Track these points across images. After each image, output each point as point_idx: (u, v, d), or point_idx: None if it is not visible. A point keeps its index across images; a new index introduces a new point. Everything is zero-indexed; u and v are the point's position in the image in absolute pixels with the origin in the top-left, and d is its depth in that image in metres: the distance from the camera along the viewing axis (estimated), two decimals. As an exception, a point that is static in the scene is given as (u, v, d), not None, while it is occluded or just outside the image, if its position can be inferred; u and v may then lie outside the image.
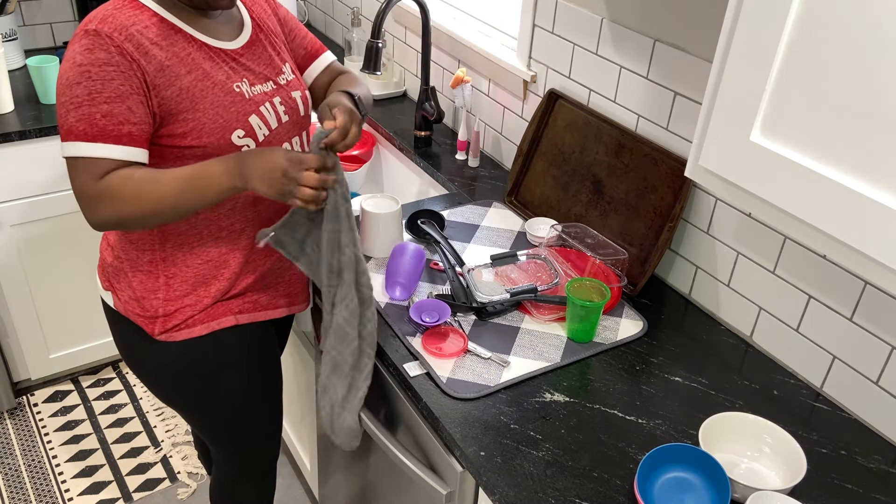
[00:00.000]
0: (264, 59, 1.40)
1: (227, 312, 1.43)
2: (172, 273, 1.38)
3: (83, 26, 1.20)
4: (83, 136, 1.20)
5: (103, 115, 1.19)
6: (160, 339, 1.41)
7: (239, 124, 1.30)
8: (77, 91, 1.18)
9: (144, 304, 1.39)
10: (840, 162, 0.89)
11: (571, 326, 1.42)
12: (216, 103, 1.28)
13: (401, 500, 1.53)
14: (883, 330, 1.27)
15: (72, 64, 1.18)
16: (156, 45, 1.22)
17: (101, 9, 1.23)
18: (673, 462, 1.17)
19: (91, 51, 1.18)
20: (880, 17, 0.81)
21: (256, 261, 1.43)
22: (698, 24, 1.44)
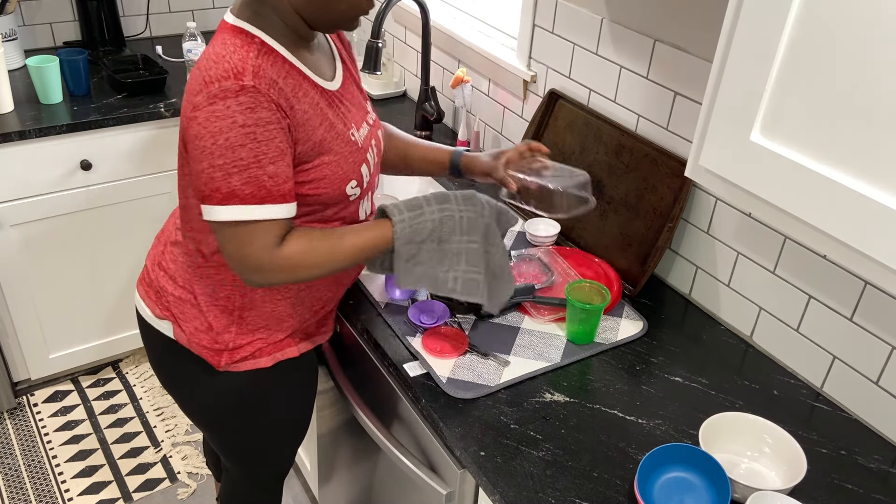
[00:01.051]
0: (356, 98, 1.34)
1: (290, 344, 1.41)
2: (248, 309, 1.34)
3: (234, 79, 1.10)
4: (250, 199, 1.13)
5: (270, 177, 1.13)
6: (224, 370, 1.37)
7: (354, 175, 1.27)
8: (242, 154, 1.11)
9: (215, 336, 1.35)
10: (840, 162, 0.89)
11: (571, 329, 1.42)
12: (339, 155, 1.24)
13: (401, 500, 1.53)
14: (883, 330, 1.27)
15: (232, 123, 1.10)
16: (296, 97, 1.17)
17: (241, 56, 1.12)
18: (673, 462, 1.17)
19: (254, 110, 1.10)
20: (880, 17, 0.81)
21: (328, 298, 1.41)
22: (698, 24, 1.44)
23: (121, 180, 2.31)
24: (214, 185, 1.13)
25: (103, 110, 2.22)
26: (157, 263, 1.40)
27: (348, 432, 1.71)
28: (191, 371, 1.40)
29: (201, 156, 1.12)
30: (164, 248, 1.39)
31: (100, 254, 2.39)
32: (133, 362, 2.69)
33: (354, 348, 1.55)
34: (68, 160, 2.20)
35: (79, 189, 2.26)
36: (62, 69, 2.24)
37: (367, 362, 1.50)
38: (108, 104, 2.26)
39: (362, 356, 1.52)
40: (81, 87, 2.29)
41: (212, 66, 1.12)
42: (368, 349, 1.49)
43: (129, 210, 2.37)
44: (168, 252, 1.38)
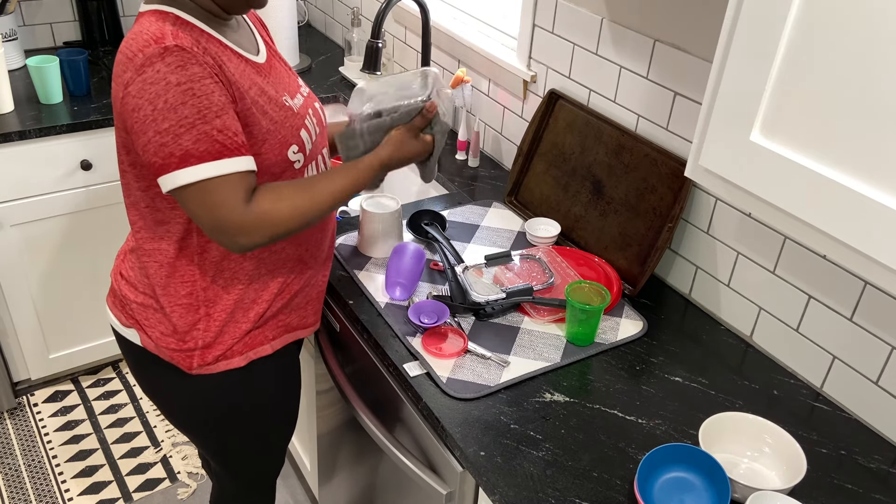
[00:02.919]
0: (284, 72, 1.35)
1: (263, 341, 1.38)
2: (213, 302, 1.32)
3: (154, 44, 1.09)
4: (206, 156, 1.11)
5: (219, 131, 1.12)
6: (197, 373, 1.35)
7: (293, 139, 1.27)
8: (185, 112, 1.09)
9: (183, 337, 1.33)
10: (840, 162, 0.89)
11: (571, 330, 1.42)
12: (275, 119, 1.23)
13: (401, 500, 1.53)
14: (883, 330, 1.27)
15: (166, 85, 1.08)
16: (219, 59, 1.15)
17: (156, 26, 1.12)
18: (673, 462, 1.17)
19: (184, 67, 1.09)
20: (880, 17, 0.81)
21: (291, 280, 1.39)
22: (698, 24, 1.44)
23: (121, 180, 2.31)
24: (167, 151, 1.11)
25: (103, 110, 2.22)
26: (118, 272, 1.39)
27: (348, 432, 1.71)
28: (164, 377, 1.38)
29: (144, 126, 1.10)
30: (124, 258, 1.38)
31: (100, 254, 2.39)
32: (133, 362, 2.69)
33: (354, 348, 1.55)
34: (68, 160, 2.20)
35: (79, 189, 2.26)
36: (62, 69, 2.24)
37: (367, 362, 1.50)
38: (108, 104, 2.26)
39: (362, 356, 1.52)
40: (81, 87, 2.29)
41: (131, 44, 1.12)
42: (368, 349, 1.48)
43: (129, 210, 2.37)
44: (127, 260, 1.37)
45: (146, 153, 1.13)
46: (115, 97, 1.15)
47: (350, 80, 2.53)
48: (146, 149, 1.12)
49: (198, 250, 1.28)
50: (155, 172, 1.14)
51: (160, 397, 1.43)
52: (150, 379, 1.42)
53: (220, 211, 1.14)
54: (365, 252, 1.65)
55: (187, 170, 1.11)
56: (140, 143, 1.13)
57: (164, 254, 1.29)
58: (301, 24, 3.05)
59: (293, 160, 1.28)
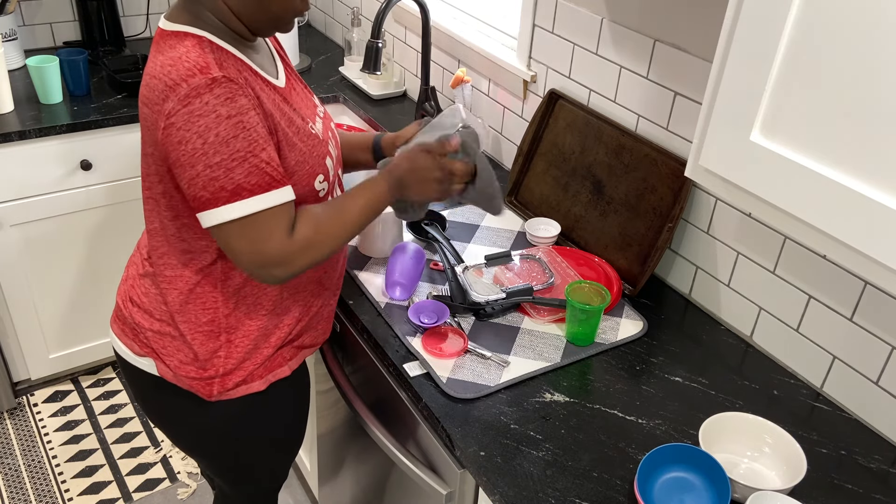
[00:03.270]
0: (303, 93, 1.32)
1: (281, 363, 1.36)
2: (234, 329, 1.29)
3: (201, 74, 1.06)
4: (257, 189, 1.10)
5: (267, 163, 1.11)
6: (216, 399, 1.32)
7: (320, 168, 1.25)
8: (237, 145, 1.07)
9: (204, 365, 1.29)
10: (840, 162, 0.89)
11: (571, 330, 1.42)
12: (303, 150, 1.21)
13: (401, 500, 1.53)
14: (883, 330, 1.27)
15: (217, 117, 1.06)
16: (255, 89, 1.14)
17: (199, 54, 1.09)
18: (673, 462, 1.17)
19: (233, 99, 1.07)
20: (880, 17, 0.81)
21: (311, 302, 1.37)
22: (698, 24, 1.44)
23: (121, 180, 2.31)
24: (218, 185, 1.09)
25: (103, 110, 2.22)
26: (129, 299, 1.33)
27: (348, 432, 1.71)
28: (180, 405, 1.34)
29: (193, 159, 1.08)
30: (134, 282, 1.33)
31: (100, 254, 2.39)
32: (133, 362, 2.69)
33: (354, 348, 1.55)
34: (68, 160, 2.20)
35: (79, 189, 2.26)
36: (62, 69, 2.24)
37: (367, 362, 1.50)
38: (108, 104, 2.26)
39: (362, 356, 1.52)
40: (81, 87, 2.29)
41: (170, 71, 1.08)
42: (368, 349, 1.48)
43: (129, 210, 2.37)
44: (139, 286, 1.32)
45: (193, 187, 1.10)
46: (152, 125, 1.12)
47: (350, 80, 2.53)
48: (193, 182, 1.10)
49: (221, 277, 1.25)
50: (200, 206, 1.11)
51: (174, 425, 1.39)
52: (163, 407, 1.37)
53: (265, 244, 1.13)
54: (365, 252, 1.65)
55: (237, 204, 1.10)
56: (186, 177, 1.10)
57: (185, 280, 1.26)
58: (301, 24, 3.05)
59: (318, 189, 1.26)
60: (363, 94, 2.46)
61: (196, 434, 1.39)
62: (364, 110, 2.37)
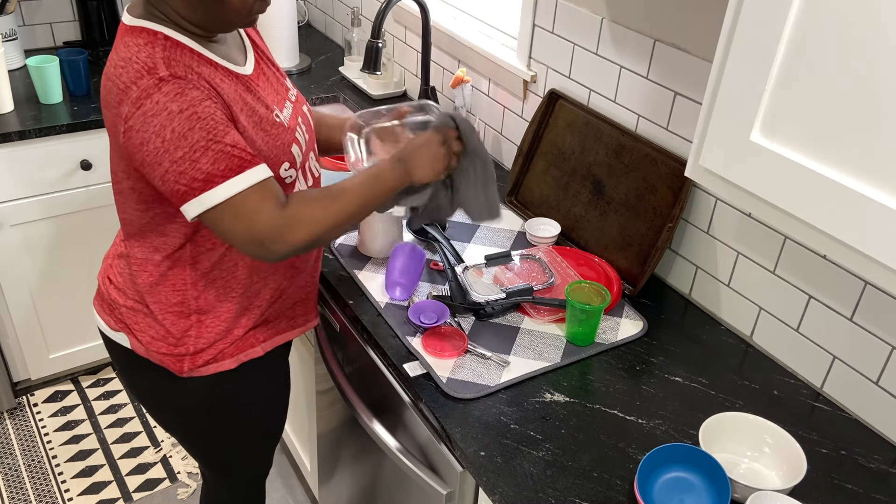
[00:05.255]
0: (272, 78, 1.32)
1: (254, 343, 1.38)
2: (204, 310, 1.31)
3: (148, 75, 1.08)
4: (229, 172, 1.10)
5: (233, 146, 1.11)
6: (187, 375, 1.35)
7: (285, 157, 1.25)
8: (194, 136, 1.08)
9: (174, 342, 1.32)
10: (840, 162, 0.89)
11: (571, 330, 1.42)
12: (266, 139, 1.22)
13: (401, 500, 1.53)
14: (883, 330, 1.27)
15: (168, 114, 1.07)
16: (214, 82, 1.14)
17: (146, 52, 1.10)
18: (673, 462, 1.17)
19: (182, 94, 1.08)
20: (880, 18, 0.81)
21: (284, 286, 1.38)
22: (698, 24, 1.44)
23: (121, 180, 2.31)
24: (189, 177, 1.10)
25: (103, 110, 2.22)
26: (106, 276, 1.38)
27: (348, 432, 1.71)
28: (154, 381, 1.38)
29: (158, 158, 1.09)
30: (112, 262, 1.37)
31: (100, 254, 2.39)
32: (133, 362, 2.69)
33: (354, 348, 1.55)
34: (68, 160, 2.20)
35: (79, 189, 2.26)
36: (62, 69, 2.24)
37: (367, 362, 1.50)
38: (108, 104, 2.26)
39: (362, 356, 1.52)
40: (81, 87, 2.29)
41: (121, 73, 1.10)
42: (368, 349, 1.48)
43: (129, 210, 2.37)
44: (115, 265, 1.35)
45: (166, 183, 1.11)
46: (113, 127, 1.14)
47: (350, 80, 2.53)
48: (165, 179, 1.11)
49: (190, 261, 1.27)
50: (178, 200, 1.13)
51: (151, 400, 1.43)
52: (140, 382, 1.41)
53: (256, 220, 1.13)
54: (365, 252, 1.65)
55: (214, 190, 1.11)
56: (157, 175, 1.11)
57: (154, 264, 1.28)
58: (301, 24, 3.05)
59: (284, 177, 1.26)
60: (363, 94, 2.46)
61: (170, 409, 1.42)
62: (364, 110, 2.37)
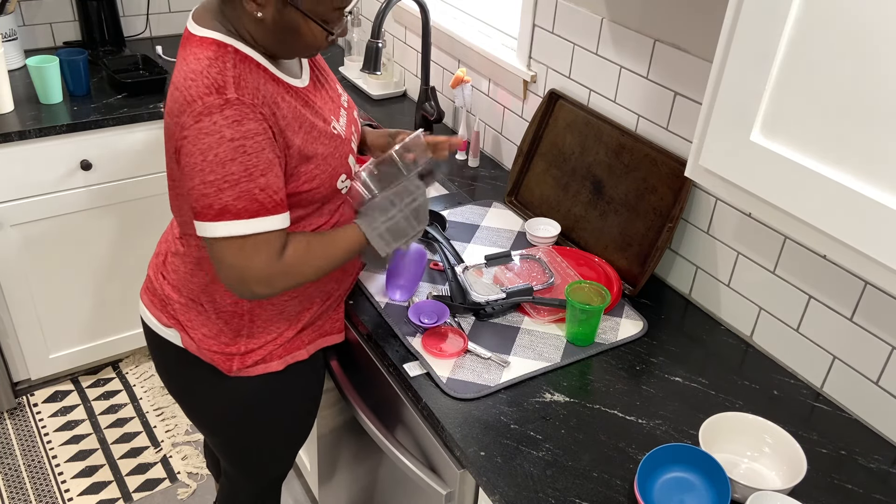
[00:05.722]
0: (327, 86, 1.33)
1: (300, 345, 1.40)
2: (256, 313, 1.33)
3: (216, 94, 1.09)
4: (243, 213, 1.12)
5: (262, 189, 1.13)
6: (235, 375, 1.36)
7: (343, 168, 1.27)
8: (232, 168, 1.10)
9: (226, 340, 1.34)
10: (840, 162, 0.89)
11: (571, 330, 1.42)
12: (325, 153, 1.23)
13: (401, 500, 1.53)
14: (883, 330, 1.27)
15: (220, 139, 1.09)
16: (275, 104, 1.15)
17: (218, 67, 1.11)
18: (673, 462, 1.17)
19: (241, 123, 1.09)
20: (880, 18, 0.81)
21: (330, 286, 1.40)
22: (698, 24, 1.44)
23: (121, 180, 2.31)
24: (207, 202, 1.12)
25: (103, 110, 2.22)
26: (160, 273, 1.39)
27: (348, 432, 1.71)
28: (201, 378, 1.39)
29: (192, 173, 1.12)
30: (165, 259, 1.38)
31: (100, 254, 2.39)
32: (133, 362, 2.69)
33: (354, 348, 1.55)
34: (68, 160, 2.20)
35: (79, 189, 2.26)
36: (62, 69, 2.24)
37: (367, 362, 1.50)
38: (108, 104, 2.26)
39: (362, 356, 1.52)
40: (81, 87, 2.29)
41: (191, 85, 1.11)
42: (368, 349, 1.48)
43: (129, 210, 2.37)
44: (169, 262, 1.37)
45: (190, 197, 1.15)
46: (171, 133, 1.16)
47: (350, 81, 2.53)
48: (190, 193, 1.15)
49: None
50: (193, 215, 1.16)
51: (192, 397, 1.43)
52: (184, 379, 1.42)
53: (252, 263, 1.16)
54: (365, 252, 1.65)
55: (222, 224, 1.13)
56: (186, 187, 1.15)
57: (210, 265, 1.29)
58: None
59: (340, 188, 1.29)
60: (363, 95, 2.46)
61: (213, 408, 1.42)
62: (364, 110, 2.37)
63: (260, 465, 1.55)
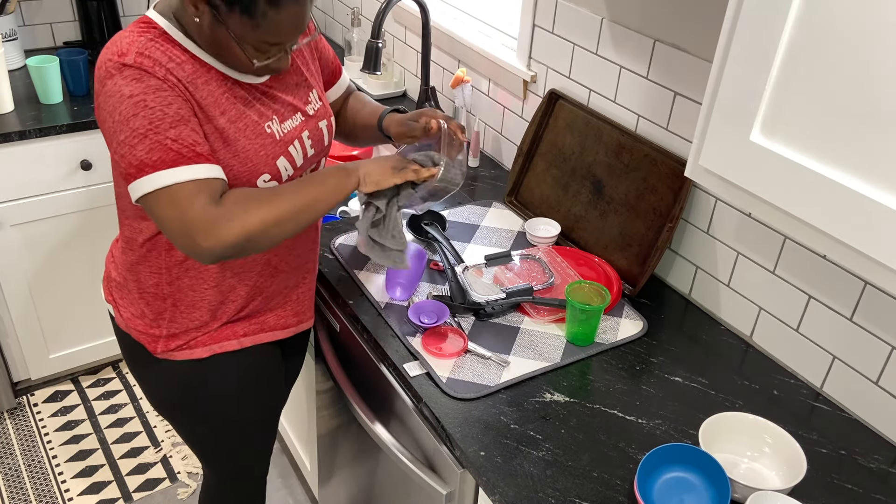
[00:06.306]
0: (292, 88, 1.32)
1: (230, 336, 1.39)
2: (178, 298, 1.33)
3: (117, 58, 1.11)
4: (160, 164, 1.11)
5: (174, 140, 1.11)
6: (161, 357, 1.37)
7: (266, 168, 1.25)
8: (136, 123, 1.10)
9: (150, 322, 1.36)
10: (840, 162, 0.89)
11: (571, 330, 1.42)
12: (247, 147, 1.22)
13: (401, 500, 1.53)
14: (883, 330, 1.27)
15: (120, 97, 1.10)
16: (191, 83, 1.16)
17: (130, 38, 1.13)
18: (673, 462, 1.17)
19: (140, 80, 1.10)
20: (880, 18, 0.81)
21: (262, 283, 1.38)
22: (698, 24, 1.44)
23: (121, 180, 2.31)
24: (126, 162, 1.12)
25: (103, 110, 2.22)
26: (111, 251, 1.44)
27: (348, 432, 1.71)
28: (136, 356, 1.42)
29: (109, 138, 1.14)
30: (116, 241, 1.43)
31: (100, 254, 2.39)
32: (133, 362, 2.69)
33: (354, 348, 1.55)
34: (68, 160, 2.20)
35: (79, 189, 2.26)
36: (62, 69, 2.24)
37: (367, 362, 1.50)
38: (108, 104, 2.26)
39: (362, 356, 1.52)
40: (81, 87, 2.29)
41: (102, 54, 1.15)
42: (368, 349, 1.49)
43: (129, 210, 2.37)
44: (117, 242, 1.41)
45: (114, 163, 1.18)
46: None
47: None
48: (114, 159, 1.17)
49: (166, 246, 1.30)
50: (124, 180, 1.16)
51: (134, 374, 1.47)
52: (127, 354, 1.46)
53: (188, 211, 1.12)
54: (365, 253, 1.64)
55: (144, 179, 1.12)
56: (110, 154, 1.17)
57: (138, 244, 1.32)
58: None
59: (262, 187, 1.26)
60: (363, 94, 2.46)
61: (152, 390, 1.45)
62: (364, 110, 2.36)
63: (219, 457, 1.55)
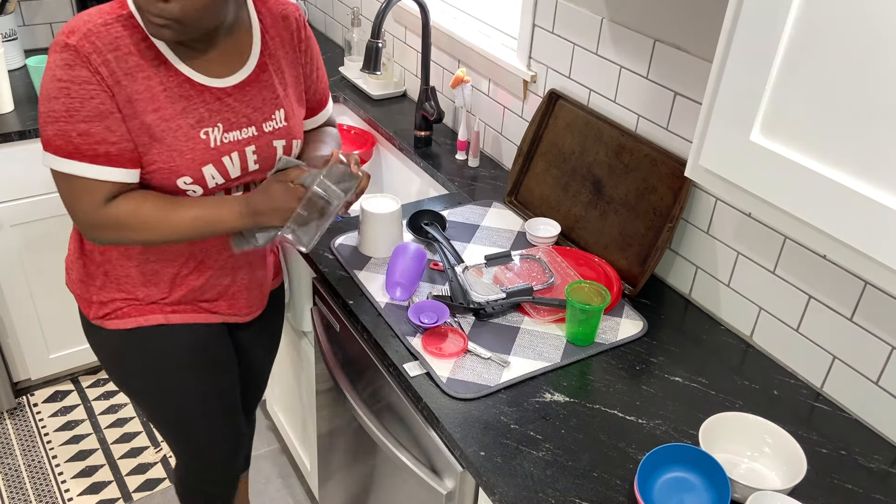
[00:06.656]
0: (256, 101, 1.33)
1: (157, 311, 1.44)
2: (108, 270, 1.40)
3: (64, 36, 1.16)
4: (59, 151, 1.19)
5: (80, 134, 1.18)
6: (95, 323, 1.44)
7: (189, 172, 1.27)
8: (55, 105, 1.17)
9: (86, 287, 1.42)
10: (840, 162, 0.89)
11: (571, 330, 1.42)
12: (173, 146, 1.25)
13: (401, 500, 1.53)
14: (883, 330, 1.27)
15: (51, 77, 1.17)
16: (129, 75, 1.19)
17: (89, 18, 1.18)
18: (673, 462, 1.17)
19: (71, 67, 1.15)
20: (880, 18, 0.81)
21: (187, 273, 1.42)
22: (698, 24, 1.44)
23: (121, 180, 2.31)
24: (41, 131, 1.20)
25: (103, 110, 2.22)
26: None
27: (348, 432, 1.71)
28: (83, 322, 1.49)
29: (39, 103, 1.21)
30: None
31: (100, 254, 2.39)
32: (133, 362, 2.69)
33: (354, 348, 1.55)
34: (68, 160, 2.20)
35: (79, 189, 2.26)
36: (62, 69, 2.24)
37: (367, 362, 1.50)
38: (108, 104, 2.26)
39: (362, 356, 1.52)
40: (81, 87, 2.29)
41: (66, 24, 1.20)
42: (368, 349, 1.49)
43: (129, 210, 2.37)
44: None
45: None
46: None
47: (350, 81, 2.53)
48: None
49: None
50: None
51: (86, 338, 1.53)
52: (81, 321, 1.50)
53: (73, 205, 1.23)
54: (365, 252, 1.65)
55: (48, 155, 1.21)
56: None
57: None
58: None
59: (184, 189, 1.29)
60: (363, 95, 2.46)
61: (96, 354, 1.51)
62: (364, 110, 2.37)
63: (170, 438, 1.60)
